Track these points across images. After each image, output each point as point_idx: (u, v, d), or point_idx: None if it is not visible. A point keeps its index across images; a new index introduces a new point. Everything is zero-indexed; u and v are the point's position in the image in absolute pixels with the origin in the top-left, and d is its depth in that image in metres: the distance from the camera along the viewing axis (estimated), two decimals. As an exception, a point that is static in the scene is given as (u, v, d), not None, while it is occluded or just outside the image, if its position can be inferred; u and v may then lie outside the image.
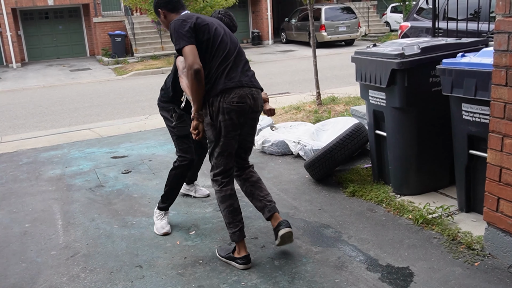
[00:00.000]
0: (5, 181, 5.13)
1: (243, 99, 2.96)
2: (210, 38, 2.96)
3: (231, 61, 2.99)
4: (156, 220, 3.71)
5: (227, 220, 3.08)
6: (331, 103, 7.28)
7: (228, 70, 2.95)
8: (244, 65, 3.07)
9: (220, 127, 2.97)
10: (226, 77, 2.93)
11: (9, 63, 19.23)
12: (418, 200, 3.82)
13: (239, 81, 2.96)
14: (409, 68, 3.61)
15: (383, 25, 23.82)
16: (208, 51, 2.94)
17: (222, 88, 2.91)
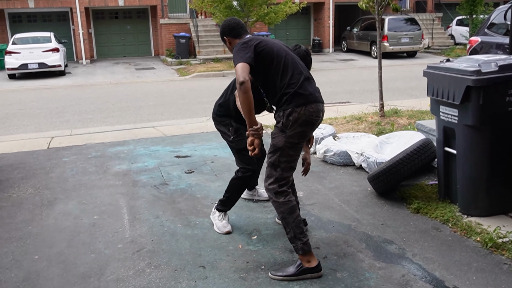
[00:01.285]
0: (75, 173, 5.39)
1: (318, 114, 3.05)
2: (274, 53, 3.05)
3: (305, 76, 3.06)
4: (216, 220, 3.80)
5: (297, 230, 3.03)
6: (393, 116, 7.14)
7: (306, 84, 3.03)
8: (314, 82, 3.16)
9: (292, 137, 3.01)
10: (305, 90, 3.01)
11: (80, 59, 20.19)
12: (487, 223, 3.68)
13: (317, 96, 3.06)
14: (485, 85, 3.50)
15: (447, 38, 23.08)
16: (277, 66, 3.02)
17: (304, 101, 2.98)
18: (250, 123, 2.98)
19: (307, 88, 3.03)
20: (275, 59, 3.03)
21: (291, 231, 3.04)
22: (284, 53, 3.09)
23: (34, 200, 4.60)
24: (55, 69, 16.03)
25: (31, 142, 6.99)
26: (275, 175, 3.07)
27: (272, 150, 3.08)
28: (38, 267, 3.33)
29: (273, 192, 3.08)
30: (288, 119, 2.98)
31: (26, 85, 14.43)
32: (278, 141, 3.05)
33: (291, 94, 2.98)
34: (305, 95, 3.01)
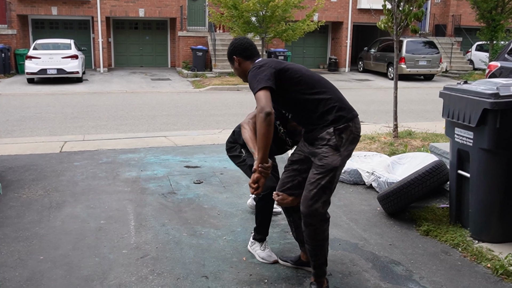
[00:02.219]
0: (85, 177, 5.41)
1: (360, 130, 2.95)
2: (301, 73, 2.91)
3: (337, 92, 2.94)
4: (258, 251, 3.49)
5: (325, 256, 2.92)
6: (407, 137, 7.07)
7: (343, 100, 2.90)
8: None
9: (346, 156, 2.85)
10: (347, 105, 2.89)
11: (97, 67, 20.46)
12: (499, 249, 3.59)
13: (355, 110, 2.95)
14: (503, 109, 3.45)
15: (466, 63, 22.97)
16: (307, 85, 2.86)
17: (351, 116, 2.86)
18: (262, 159, 2.73)
19: (347, 102, 2.91)
20: (305, 77, 2.87)
21: (322, 257, 2.91)
22: (308, 71, 2.98)
23: (43, 201, 4.62)
24: (73, 76, 16.24)
25: (44, 145, 7.05)
26: (324, 198, 2.80)
27: (324, 171, 2.77)
28: (43, 267, 3.32)
29: (321, 217, 2.81)
30: (341, 136, 2.79)
31: (44, 89, 14.64)
32: (333, 160, 2.77)
33: (336, 109, 2.82)
34: (349, 109, 2.88)
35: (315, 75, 2.97)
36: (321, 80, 2.95)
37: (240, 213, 4.39)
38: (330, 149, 2.79)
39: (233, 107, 11.71)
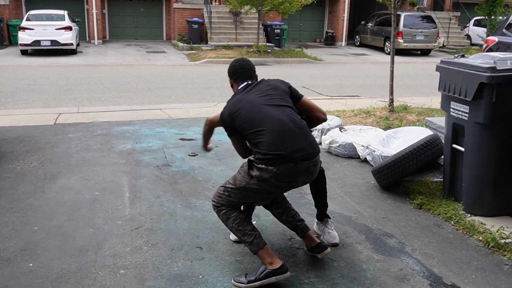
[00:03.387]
0: (80, 149, 5.39)
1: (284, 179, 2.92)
2: (245, 118, 2.89)
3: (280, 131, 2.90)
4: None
5: (239, 234, 2.90)
6: (403, 112, 7.06)
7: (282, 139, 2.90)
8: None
9: (254, 186, 2.93)
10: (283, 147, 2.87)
11: (92, 39, 20.16)
12: (490, 223, 3.63)
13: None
14: (499, 83, 3.43)
15: (464, 38, 22.80)
16: (249, 127, 2.88)
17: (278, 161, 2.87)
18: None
19: (289, 142, 2.88)
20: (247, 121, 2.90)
21: (236, 235, 2.92)
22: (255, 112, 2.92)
23: (38, 173, 4.61)
24: (67, 47, 16.01)
25: (38, 117, 7.00)
26: (219, 195, 2.99)
27: (232, 181, 2.97)
28: (37, 238, 3.33)
29: (214, 209, 2.98)
30: (252, 169, 2.91)
31: (38, 61, 14.45)
32: (240, 180, 2.93)
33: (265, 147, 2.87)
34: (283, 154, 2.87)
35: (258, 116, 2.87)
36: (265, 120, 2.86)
37: (235, 185, 4.39)
38: (243, 170, 2.91)
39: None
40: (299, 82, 11.33)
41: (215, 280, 2.86)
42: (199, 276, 2.90)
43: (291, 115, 2.90)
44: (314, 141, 2.93)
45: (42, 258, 3.07)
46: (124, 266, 3.00)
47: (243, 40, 18.68)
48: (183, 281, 2.85)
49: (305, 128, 2.91)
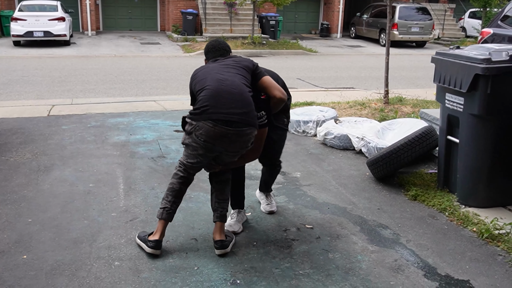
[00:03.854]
0: (74, 141, 5.36)
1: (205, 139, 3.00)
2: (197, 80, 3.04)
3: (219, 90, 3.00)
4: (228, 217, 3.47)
5: (164, 195, 3.11)
6: (398, 103, 7.07)
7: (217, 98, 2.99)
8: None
9: (189, 144, 3.07)
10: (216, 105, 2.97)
11: (85, 30, 20.01)
12: (485, 214, 3.64)
13: None
14: (494, 74, 3.43)
15: (459, 30, 22.80)
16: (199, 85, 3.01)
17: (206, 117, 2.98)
18: None
19: (223, 102, 2.95)
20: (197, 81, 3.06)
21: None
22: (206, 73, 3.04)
23: (31, 165, 4.58)
24: (60, 39, 15.89)
25: (31, 108, 6.94)
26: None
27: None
28: (31, 230, 3.32)
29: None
30: (186, 126, 3.05)
31: (31, 52, 14.34)
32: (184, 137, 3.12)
33: (202, 103, 2.98)
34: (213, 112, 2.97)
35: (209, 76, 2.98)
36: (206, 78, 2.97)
37: (230, 177, 4.38)
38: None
39: (224, 72, 11.58)
40: (294, 74, 11.31)
41: (210, 272, 2.86)
42: (194, 268, 2.90)
43: (237, 81, 2.93)
44: (251, 113, 2.89)
45: (36, 250, 3.05)
46: (119, 258, 2.99)
47: (238, 31, 18.59)
48: (178, 272, 2.84)
49: (246, 97, 2.90)
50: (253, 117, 2.91)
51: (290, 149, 5.24)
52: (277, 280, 2.79)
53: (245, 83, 2.97)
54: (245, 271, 2.87)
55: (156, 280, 2.76)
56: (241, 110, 2.84)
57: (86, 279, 2.76)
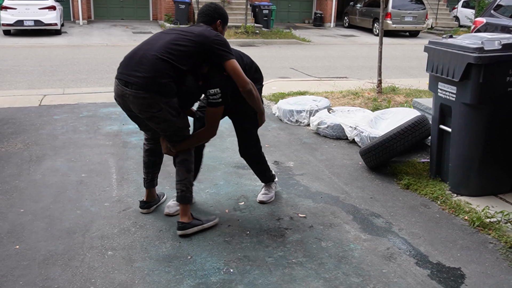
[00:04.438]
0: (66, 131, 5.32)
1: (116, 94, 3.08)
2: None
3: (137, 50, 3.05)
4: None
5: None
6: (391, 93, 7.08)
7: (128, 57, 3.04)
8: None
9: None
10: (123, 64, 3.06)
11: (76, 19, 19.80)
12: (476, 202, 3.67)
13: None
14: (487, 63, 3.43)
15: (452, 19, 22.80)
16: None
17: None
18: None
19: (129, 62, 3.00)
20: None
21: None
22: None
23: (23, 155, 4.55)
24: (51, 28, 15.71)
25: (22, 98, 6.88)
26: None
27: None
28: (23, 220, 3.30)
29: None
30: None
31: (21, 42, 14.18)
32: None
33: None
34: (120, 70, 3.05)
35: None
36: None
37: (223, 166, 4.39)
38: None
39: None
40: (287, 63, 11.28)
41: (203, 261, 2.86)
42: (187, 257, 2.90)
43: (156, 47, 2.89)
44: (152, 79, 2.81)
45: (28, 240, 3.04)
46: (112, 248, 2.99)
47: (231, 20, 18.47)
48: (171, 261, 2.85)
49: (151, 62, 2.84)
50: (154, 83, 2.82)
51: (283, 138, 5.25)
52: (270, 268, 2.80)
53: (170, 50, 2.87)
54: (238, 260, 2.88)
55: (149, 270, 2.76)
56: (141, 74, 2.84)
57: (79, 268, 2.76)
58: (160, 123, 2.98)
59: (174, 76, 2.87)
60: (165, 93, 2.86)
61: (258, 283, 2.66)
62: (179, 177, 3.17)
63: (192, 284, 2.64)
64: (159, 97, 2.85)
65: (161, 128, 3.04)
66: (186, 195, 3.14)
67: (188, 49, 2.90)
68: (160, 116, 2.92)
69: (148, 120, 3.00)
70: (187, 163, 3.18)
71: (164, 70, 2.83)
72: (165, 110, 2.90)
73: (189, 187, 3.17)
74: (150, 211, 3.45)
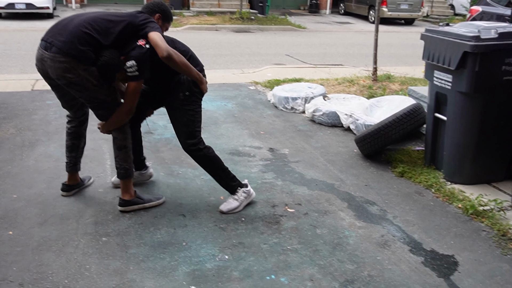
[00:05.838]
0: (59, 116, 5.27)
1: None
2: None
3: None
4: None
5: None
6: (386, 81, 7.07)
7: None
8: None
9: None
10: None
11: (69, 2, 19.54)
12: (470, 190, 3.69)
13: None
14: (483, 52, 3.43)
15: (447, 8, 22.75)
16: None
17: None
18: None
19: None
20: None
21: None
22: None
23: (15, 140, 4.51)
24: (43, 11, 15.50)
25: (14, 83, 6.80)
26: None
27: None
28: (16, 206, 3.28)
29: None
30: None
31: (13, 25, 13.98)
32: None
33: None
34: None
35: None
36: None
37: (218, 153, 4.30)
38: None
39: (211, 47, 11.43)
40: (282, 50, 11.21)
41: (198, 247, 2.86)
42: (182, 243, 2.90)
43: (83, 17, 2.98)
44: (71, 44, 2.86)
45: (22, 226, 3.03)
46: (106, 234, 2.98)
47: (226, 6, 18.32)
48: (166, 248, 2.84)
49: (72, 28, 2.91)
50: (72, 48, 2.87)
51: (278, 125, 5.23)
52: (265, 255, 2.80)
53: (94, 24, 2.93)
54: (233, 246, 2.88)
55: (144, 256, 2.76)
56: (61, 38, 2.90)
57: (73, 254, 2.75)
58: (82, 91, 3.01)
59: (93, 46, 2.92)
60: (82, 59, 2.90)
61: (253, 269, 2.67)
62: (114, 155, 3.28)
63: (187, 270, 2.64)
64: (76, 63, 2.89)
65: (84, 98, 3.09)
66: (120, 172, 3.23)
67: (114, 24, 2.97)
68: (79, 83, 2.95)
69: (68, 86, 3.02)
70: (116, 141, 3.25)
71: (83, 39, 2.89)
72: (84, 78, 2.93)
73: (122, 164, 3.22)
74: (70, 194, 3.47)
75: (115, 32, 2.94)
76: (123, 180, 3.23)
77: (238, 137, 4.81)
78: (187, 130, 3.21)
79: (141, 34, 2.96)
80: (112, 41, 2.94)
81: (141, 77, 3.01)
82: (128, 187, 3.24)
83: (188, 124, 3.21)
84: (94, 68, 2.94)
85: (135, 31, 2.97)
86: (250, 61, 9.61)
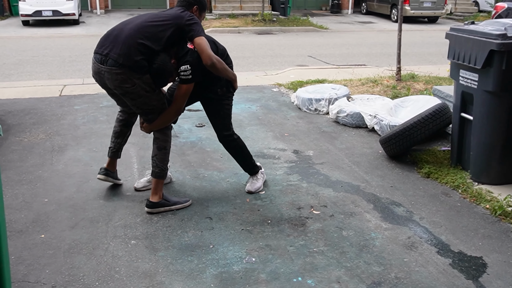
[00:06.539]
0: (87, 121, 5.39)
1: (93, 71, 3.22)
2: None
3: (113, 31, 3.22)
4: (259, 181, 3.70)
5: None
6: (410, 80, 7.00)
7: (105, 36, 3.23)
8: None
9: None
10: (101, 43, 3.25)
11: (94, 8, 19.91)
12: (497, 191, 3.63)
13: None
14: (510, 50, 3.37)
15: (472, 5, 22.34)
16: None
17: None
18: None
19: (106, 40, 3.17)
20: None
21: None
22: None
23: (45, 145, 4.63)
24: (69, 18, 15.84)
25: (43, 89, 6.98)
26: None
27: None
28: (48, 209, 3.38)
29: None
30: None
31: (40, 32, 14.34)
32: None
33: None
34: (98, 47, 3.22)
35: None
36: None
37: (242, 156, 4.40)
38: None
39: (234, 49, 11.50)
40: (305, 51, 11.21)
41: (225, 250, 2.90)
42: (209, 246, 2.94)
43: (132, 26, 3.07)
44: (121, 53, 2.98)
45: (53, 230, 3.11)
46: (135, 237, 3.04)
47: (248, 8, 18.39)
48: (194, 250, 2.89)
49: (125, 39, 3.01)
50: (127, 60, 2.98)
51: (302, 127, 5.24)
52: (292, 257, 2.82)
53: (143, 31, 3.05)
54: (260, 248, 2.91)
55: (173, 258, 2.81)
56: (115, 51, 3.00)
57: (103, 257, 2.82)
58: (135, 99, 3.14)
59: (146, 54, 3.02)
60: (137, 69, 3.01)
61: (280, 272, 2.69)
62: (152, 153, 3.38)
63: (214, 273, 2.68)
64: (131, 73, 3.00)
65: (137, 105, 3.19)
66: (155, 171, 3.32)
67: (163, 28, 3.08)
68: (134, 92, 3.08)
69: (124, 95, 3.14)
70: (158, 141, 3.36)
71: (136, 49, 2.99)
72: (138, 86, 3.06)
73: (158, 163, 3.32)
74: (106, 179, 3.60)
75: (165, 37, 3.07)
76: (156, 179, 3.32)
77: (262, 140, 4.83)
78: (223, 122, 3.52)
79: (188, 36, 3.11)
80: (163, 46, 3.07)
81: (194, 80, 3.16)
82: (159, 188, 3.33)
83: (225, 117, 3.51)
84: (148, 76, 3.06)
85: (182, 32, 3.12)
86: (273, 63, 9.63)
